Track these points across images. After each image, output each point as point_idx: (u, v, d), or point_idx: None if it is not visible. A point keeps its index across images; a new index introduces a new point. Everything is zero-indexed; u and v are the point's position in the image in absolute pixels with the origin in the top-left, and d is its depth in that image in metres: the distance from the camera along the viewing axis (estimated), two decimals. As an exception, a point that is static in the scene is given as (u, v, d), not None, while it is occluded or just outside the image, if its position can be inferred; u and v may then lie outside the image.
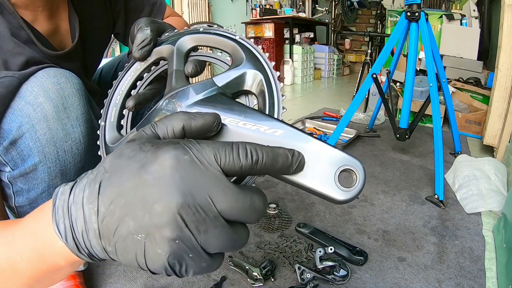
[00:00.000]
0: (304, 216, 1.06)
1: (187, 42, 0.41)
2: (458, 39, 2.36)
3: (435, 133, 1.18)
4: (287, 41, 4.04)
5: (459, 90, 2.04)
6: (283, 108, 0.33)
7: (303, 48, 4.03)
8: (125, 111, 0.43)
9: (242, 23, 3.94)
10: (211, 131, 0.28)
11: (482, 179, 1.15)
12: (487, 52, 2.53)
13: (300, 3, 4.87)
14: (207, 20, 3.29)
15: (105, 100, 0.44)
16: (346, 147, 1.68)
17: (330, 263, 0.77)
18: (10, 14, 0.48)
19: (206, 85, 0.35)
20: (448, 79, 1.84)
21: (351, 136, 1.78)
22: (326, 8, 4.99)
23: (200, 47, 0.42)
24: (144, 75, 0.44)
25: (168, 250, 0.21)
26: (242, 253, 0.87)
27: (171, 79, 0.38)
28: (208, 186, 0.22)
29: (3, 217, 0.46)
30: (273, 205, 1.05)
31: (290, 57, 3.98)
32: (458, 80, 2.14)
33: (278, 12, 4.24)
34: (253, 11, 4.14)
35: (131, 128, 0.42)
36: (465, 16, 2.46)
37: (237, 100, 0.35)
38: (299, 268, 0.77)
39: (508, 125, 1.43)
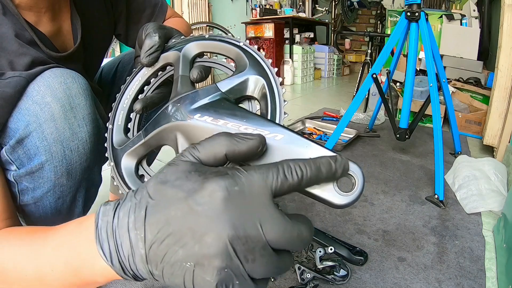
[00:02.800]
0: (304, 216, 1.06)
1: (192, 48, 0.42)
2: (458, 39, 2.36)
3: (435, 133, 1.18)
4: (287, 41, 4.03)
5: (459, 90, 2.04)
6: (285, 113, 0.33)
7: (303, 48, 4.02)
8: (132, 115, 0.45)
9: (242, 23, 3.94)
10: (256, 155, 0.27)
11: (482, 179, 1.15)
12: (487, 52, 2.53)
13: (300, 3, 4.87)
14: (207, 20, 3.29)
15: (113, 104, 0.46)
16: (346, 147, 1.68)
17: (330, 263, 0.77)
18: (14, 16, 0.48)
19: (210, 90, 0.36)
20: (448, 79, 1.84)
21: (351, 136, 1.78)
22: (326, 8, 4.99)
23: (206, 53, 0.43)
24: (151, 80, 0.46)
25: (217, 278, 0.22)
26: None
27: (177, 84, 0.39)
28: (258, 216, 0.22)
29: (13, 218, 0.45)
30: (273, 205, 1.05)
31: (290, 57, 3.98)
32: (458, 80, 2.14)
33: (278, 12, 4.24)
34: (253, 11, 4.13)
35: (138, 131, 0.43)
36: (465, 16, 2.46)
37: (240, 105, 0.36)
38: (299, 268, 0.77)
39: (508, 125, 1.43)
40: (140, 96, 0.45)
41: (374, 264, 0.84)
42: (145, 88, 0.46)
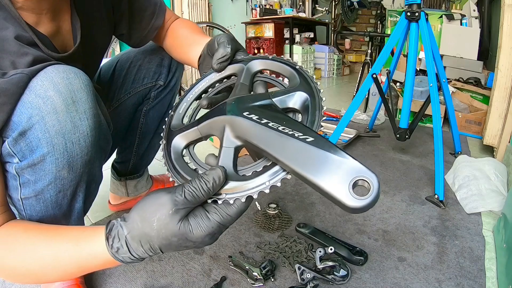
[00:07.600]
0: (304, 216, 1.06)
1: (256, 65, 0.51)
2: (458, 39, 2.36)
3: (435, 133, 1.18)
4: (287, 41, 4.03)
5: (459, 90, 2.04)
6: (321, 126, 0.38)
7: (303, 48, 4.02)
8: (191, 108, 0.54)
9: (242, 23, 3.94)
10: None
11: (482, 179, 1.15)
12: (487, 52, 2.53)
13: (300, 3, 4.87)
14: (207, 20, 3.29)
15: (178, 96, 0.56)
16: (346, 147, 1.68)
17: (330, 263, 0.77)
18: (14, 18, 0.49)
19: (262, 96, 0.43)
20: (448, 79, 1.84)
21: (351, 136, 1.78)
22: (326, 8, 4.98)
23: (265, 71, 0.52)
24: (216, 85, 0.55)
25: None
26: (242, 253, 0.87)
27: (236, 89, 0.48)
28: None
29: (9, 211, 0.49)
30: (273, 205, 1.05)
31: (290, 57, 3.97)
32: (458, 80, 2.14)
33: (278, 12, 4.23)
34: (253, 11, 4.13)
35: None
36: (465, 16, 2.46)
37: None
38: (299, 268, 0.77)
39: (508, 125, 1.43)
40: (203, 96, 0.54)
41: (374, 264, 0.84)
42: (209, 90, 0.54)
